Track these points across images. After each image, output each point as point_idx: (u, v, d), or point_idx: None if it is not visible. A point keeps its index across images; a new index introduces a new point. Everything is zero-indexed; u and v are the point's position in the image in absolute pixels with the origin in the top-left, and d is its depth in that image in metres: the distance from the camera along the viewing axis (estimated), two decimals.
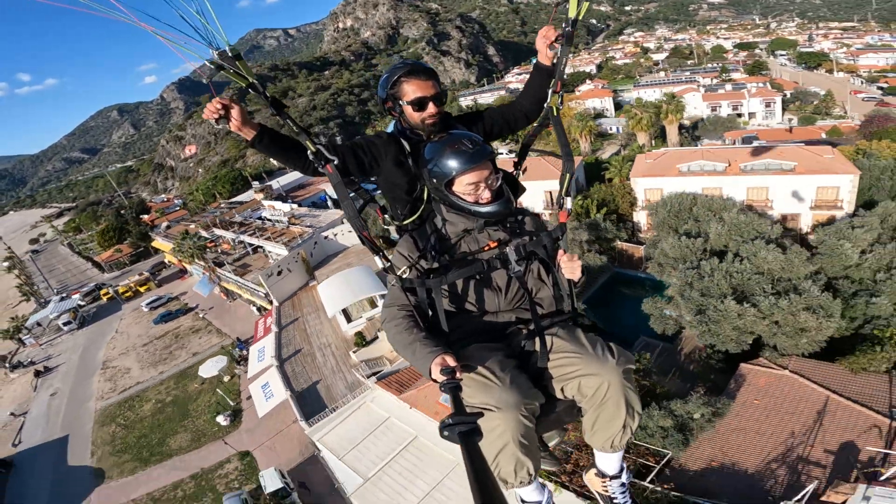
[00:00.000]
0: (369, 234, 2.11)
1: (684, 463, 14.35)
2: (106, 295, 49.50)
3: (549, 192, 31.06)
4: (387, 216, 2.36)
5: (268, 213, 43.40)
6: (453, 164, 1.94)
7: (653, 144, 41.25)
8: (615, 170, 31.99)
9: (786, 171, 24.73)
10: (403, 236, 2.24)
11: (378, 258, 2.12)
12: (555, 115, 2.29)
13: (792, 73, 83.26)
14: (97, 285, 53.26)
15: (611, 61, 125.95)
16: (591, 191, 29.99)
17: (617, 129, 59.41)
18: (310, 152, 2.02)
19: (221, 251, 41.55)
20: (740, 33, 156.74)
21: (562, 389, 1.96)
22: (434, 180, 2.02)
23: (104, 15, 1.65)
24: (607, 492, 2.28)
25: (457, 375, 1.61)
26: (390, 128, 2.38)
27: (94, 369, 35.96)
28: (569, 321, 2.17)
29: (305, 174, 2.21)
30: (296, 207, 43.13)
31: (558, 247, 2.19)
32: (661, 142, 43.54)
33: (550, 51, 2.18)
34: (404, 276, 2.07)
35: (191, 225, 49.97)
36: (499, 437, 1.73)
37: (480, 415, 1.30)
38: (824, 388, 15.19)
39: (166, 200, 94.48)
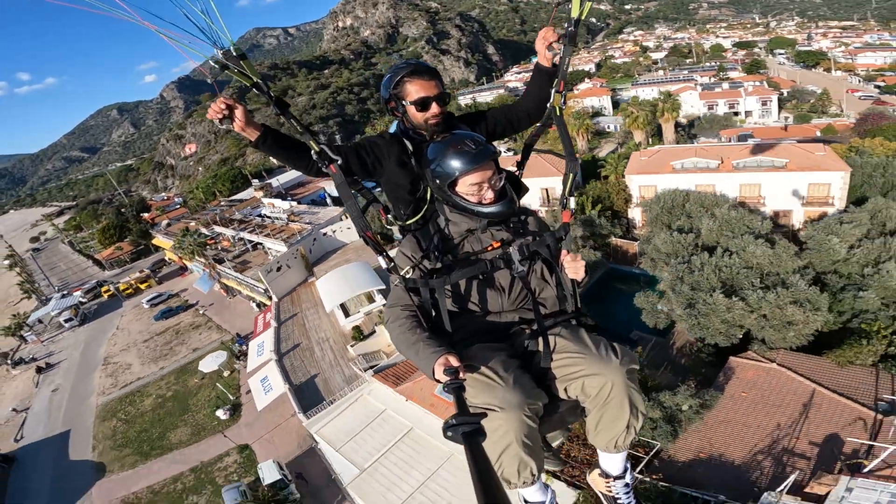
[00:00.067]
0: (373, 235, 2.10)
1: (673, 454, 14.56)
2: (107, 292, 49.59)
3: (546, 190, 31.37)
4: (390, 216, 2.38)
5: (267, 210, 43.56)
6: (456, 164, 1.93)
7: (649, 142, 41.43)
8: (611, 167, 32.23)
9: (777, 167, 24.90)
10: (406, 236, 2.24)
11: (381, 258, 2.10)
12: (557, 114, 2.27)
13: (790, 72, 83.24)
14: (98, 282, 53.25)
15: (610, 60, 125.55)
16: (587, 188, 30.24)
17: (615, 127, 59.46)
18: (313, 152, 2.02)
19: (221, 248, 41.68)
20: (740, 32, 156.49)
21: (565, 389, 1.95)
22: (437, 181, 2.01)
23: (109, 14, 1.66)
24: (611, 492, 2.28)
25: (460, 375, 1.61)
26: (393, 128, 2.37)
27: (95, 365, 36.12)
28: (572, 321, 2.16)
29: (308, 174, 2.20)
30: (295, 205, 43.22)
31: (561, 247, 2.18)
32: (658, 140, 43.71)
33: (549, 52, 2.17)
34: (407, 277, 2.06)
35: (191, 222, 50.06)
36: (502, 437, 1.72)
37: (484, 415, 1.27)
38: (811, 380, 15.31)
39: (166, 199, 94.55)
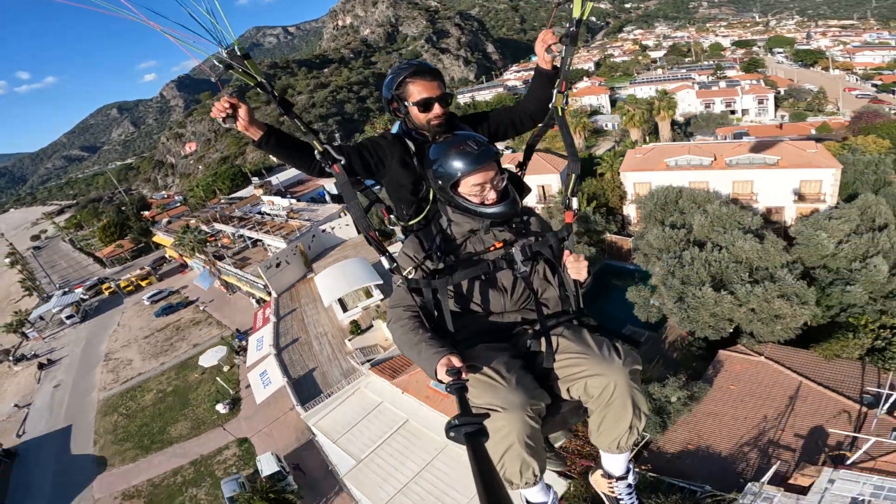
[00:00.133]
0: (376, 235, 2.10)
1: (662, 446, 14.86)
2: (108, 289, 49.83)
3: (542, 187, 31.67)
4: (392, 216, 2.38)
5: (267, 207, 43.84)
6: (458, 165, 1.93)
7: (646, 140, 41.66)
8: (607, 165, 32.47)
9: (770, 165, 25.16)
10: (409, 237, 2.24)
11: (384, 258, 2.10)
12: (559, 115, 2.27)
13: (787, 71, 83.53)
14: (99, 279, 53.52)
15: (609, 59, 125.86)
16: (583, 185, 30.50)
17: (612, 125, 59.71)
18: (317, 152, 2.01)
19: (221, 245, 41.90)
20: (739, 31, 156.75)
21: (568, 390, 1.94)
22: (439, 181, 2.01)
23: (115, 14, 1.68)
24: (614, 493, 2.27)
25: (462, 376, 1.62)
26: (395, 128, 2.37)
27: (96, 361, 36.35)
28: (574, 321, 2.16)
29: (310, 174, 2.19)
30: (294, 202, 43.51)
31: (564, 247, 2.19)
32: (655, 138, 43.91)
33: (548, 55, 2.18)
34: (410, 277, 2.07)
35: (191, 220, 50.22)
36: (504, 437, 1.71)
37: (486, 415, 1.28)
38: (798, 373, 15.54)
39: (167, 197, 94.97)
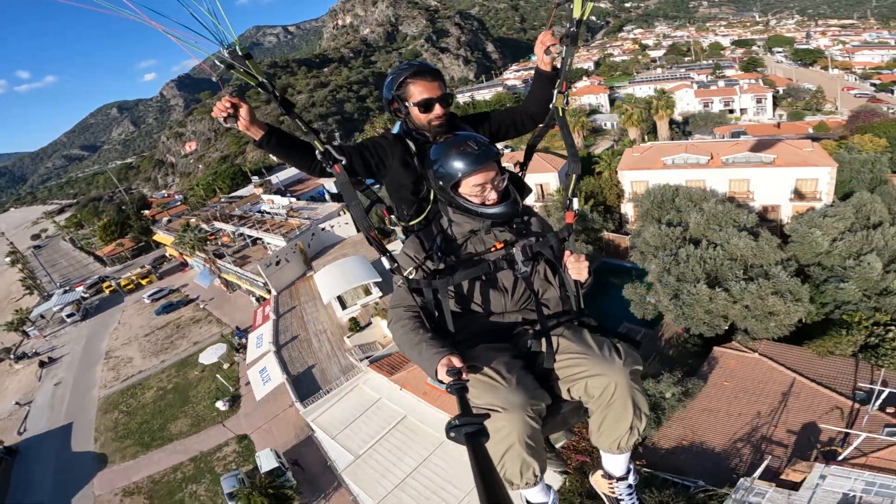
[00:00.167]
0: (377, 235, 2.10)
1: (656, 441, 15.01)
2: (108, 287, 49.98)
3: (540, 185, 31.82)
4: (393, 217, 2.39)
5: (267, 206, 43.91)
6: (459, 165, 1.93)
7: (644, 139, 41.80)
8: (605, 164, 32.65)
9: (766, 163, 25.29)
10: (409, 237, 2.25)
11: (385, 259, 2.10)
12: (560, 115, 2.27)
13: (786, 70, 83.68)
14: (100, 278, 53.61)
15: (609, 58, 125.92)
16: (581, 184, 30.62)
17: (611, 124, 59.77)
18: (318, 153, 2.01)
19: (221, 244, 42.01)
20: (739, 30, 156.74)
21: (568, 390, 1.94)
22: (440, 182, 2.00)
23: (117, 14, 1.68)
24: (614, 493, 2.27)
25: (463, 376, 1.62)
26: (396, 128, 2.37)
27: (97, 359, 36.45)
28: (575, 322, 2.17)
29: (311, 174, 2.19)
30: (294, 201, 43.60)
31: (565, 247, 2.20)
32: (653, 137, 44.03)
33: (547, 56, 2.19)
34: (411, 277, 2.06)
35: (192, 219, 50.33)
36: (505, 437, 1.71)
37: (487, 416, 1.28)
38: (791, 370, 15.70)
39: (167, 196, 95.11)
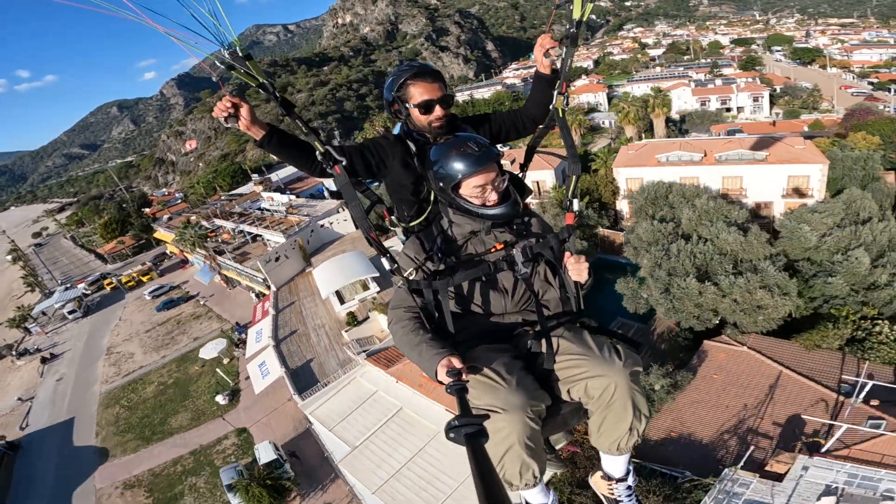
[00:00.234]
0: (377, 236, 2.10)
1: (645, 433, 15.43)
2: (109, 284, 50.30)
3: (537, 182, 32.16)
4: (393, 217, 2.39)
5: (267, 203, 44.14)
6: (459, 166, 1.92)
7: (641, 137, 42.09)
8: (601, 161, 32.96)
9: (758, 160, 25.58)
10: (410, 238, 2.24)
11: (385, 259, 2.11)
12: (560, 116, 2.27)
13: (785, 69, 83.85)
14: (101, 275, 53.91)
15: (608, 57, 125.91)
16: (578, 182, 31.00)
17: (609, 123, 60.01)
18: (318, 153, 2.01)
19: (221, 240, 42.30)
20: (739, 29, 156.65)
21: (568, 391, 1.94)
22: (440, 183, 2.00)
23: (117, 14, 1.68)
24: (613, 494, 2.26)
25: (463, 377, 1.62)
26: (397, 129, 2.37)
27: (98, 355, 36.73)
28: (575, 323, 2.17)
29: (312, 174, 2.19)
30: (294, 198, 43.86)
31: (565, 248, 2.19)
32: (650, 135, 44.34)
33: (547, 59, 2.19)
34: (411, 278, 2.06)
35: (192, 216, 50.59)
36: (504, 438, 1.71)
37: (486, 416, 1.28)
38: (778, 363, 16.02)
39: (167, 194, 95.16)
